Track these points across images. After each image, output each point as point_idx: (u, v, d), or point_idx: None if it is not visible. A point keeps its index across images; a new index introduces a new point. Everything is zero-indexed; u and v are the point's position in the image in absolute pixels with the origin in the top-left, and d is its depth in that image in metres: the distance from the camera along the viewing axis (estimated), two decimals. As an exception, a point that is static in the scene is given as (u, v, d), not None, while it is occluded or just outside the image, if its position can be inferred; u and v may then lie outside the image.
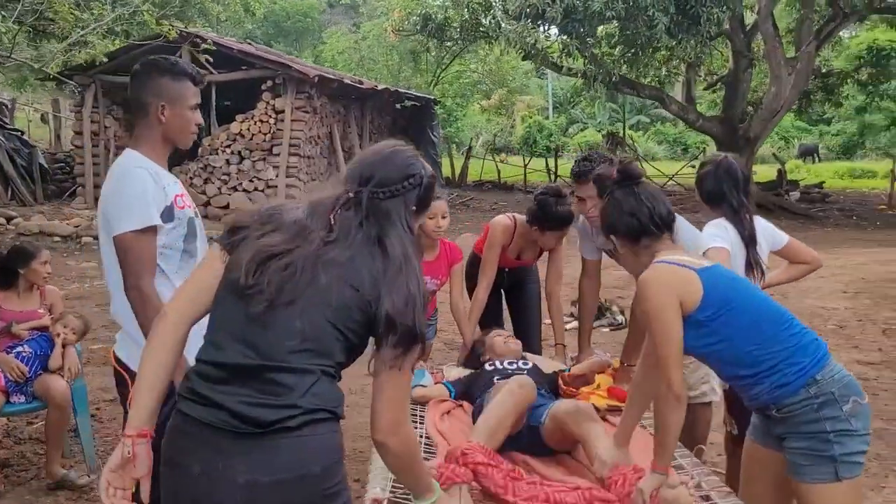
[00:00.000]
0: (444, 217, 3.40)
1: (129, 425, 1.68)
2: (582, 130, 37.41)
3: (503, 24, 14.04)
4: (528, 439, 2.60)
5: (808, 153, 30.74)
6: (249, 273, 1.59)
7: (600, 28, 15.11)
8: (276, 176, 12.81)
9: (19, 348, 3.67)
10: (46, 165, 15.09)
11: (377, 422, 1.62)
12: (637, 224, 2.15)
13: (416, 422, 2.79)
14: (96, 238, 11.10)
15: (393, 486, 2.16)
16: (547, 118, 38.94)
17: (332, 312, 1.59)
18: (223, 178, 13.07)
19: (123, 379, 2.32)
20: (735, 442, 2.82)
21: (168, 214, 2.27)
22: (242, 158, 13.04)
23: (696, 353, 2.06)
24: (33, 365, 3.64)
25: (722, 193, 2.78)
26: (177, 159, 14.25)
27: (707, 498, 2.21)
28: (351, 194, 1.67)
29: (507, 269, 3.85)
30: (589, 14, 12.62)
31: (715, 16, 13.14)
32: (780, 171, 19.95)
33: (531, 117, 37.09)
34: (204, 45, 11.87)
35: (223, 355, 1.60)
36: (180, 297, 1.75)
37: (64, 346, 3.69)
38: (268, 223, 1.66)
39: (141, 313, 2.18)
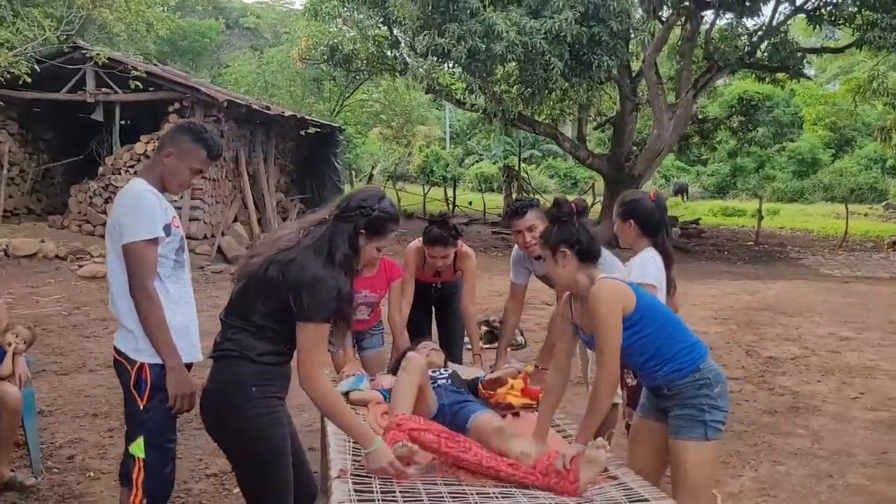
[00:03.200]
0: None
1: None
2: (477, 162, 38.61)
3: (409, 61, 14.66)
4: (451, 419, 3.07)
5: (680, 191, 32.98)
6: (238, 268, 2.54)
7: (500, 69, 15.96)
8: (181, 197, 12.81)
9: (-31, 357, 3.84)
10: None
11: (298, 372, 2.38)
12: (590, 247, 2.69)
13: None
14: (-9, 255, 10.84)
15: (353, 458, 2.61)
16: (444, 149, 39.97)
17: (257, 292, 2.37)
18: (125, 197, 12.95)
19: (124, 367, 2.82)
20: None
21: (167, 230, 2.80)
22: (146, 179, 12.96)
23: (624, 344, 2.64)
24: (-17, 373, 3.82)
25: (657, 225, 3.29)
26: (77, 178, 14.02)
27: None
28: (327, 216, 2.43)
29: (433, 286, 4.35)
30: (491, 56, 13.41)
31: (605, 63, 14.20)
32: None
33: (428, 146, 37.95)
34: (109, 64, 11.83)
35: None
36: None
37: (14, 354, 3.89)
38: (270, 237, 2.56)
39: (145, 309, 2.70)
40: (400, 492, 2.43)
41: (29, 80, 7.70)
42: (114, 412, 5.08)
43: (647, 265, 3.20)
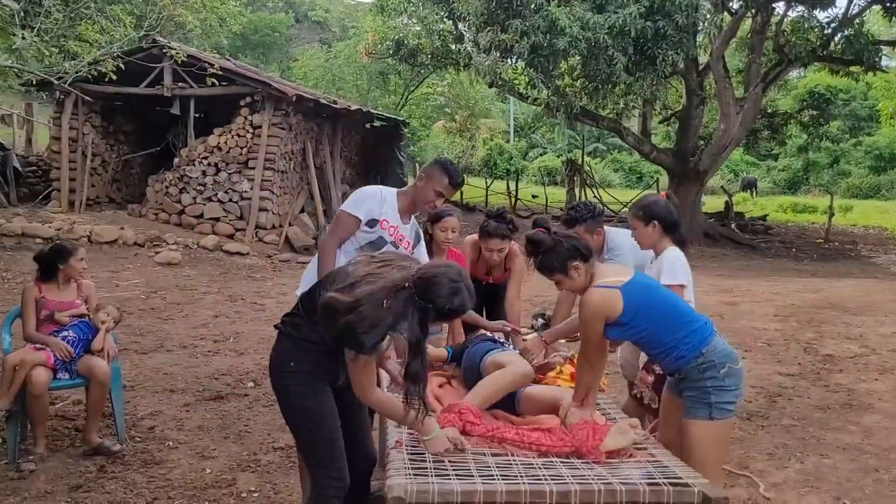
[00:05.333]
0: (453, 231, 4.19)
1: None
2: (541, 155, 38.43)
3: (473, 55, 14.85)
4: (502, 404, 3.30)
5: (749, 186, 32.23)
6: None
7: (563, 63, 16.00)
8: (251, 188, 13.31)
9: (64, 333, 4.24)
10: (20, 168, 15.35)
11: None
12: (587, 248, 2.97)
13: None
14: (77, 240, 11.52)
15: (408, 431, 2.85)
16: (507, 142, 39.96)
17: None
18: (199, 188, 13.49)
19: None
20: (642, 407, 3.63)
21: (372, 223, 3.50)
22: (218, 170, 13.48)
23: (627, 340, 2.92)
24: (76, 347, 4.21)
25: (677, 222, 3.50)
26: (154, 168, 14.71)
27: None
28: (406, 286, 2.53)
29: (483, 283, 4.54)
30: (554, 51, 13.49)
31: (670, 57, 14.11)
32: (727, 203, 21.12)
33: (492, 140, 38.05)
34: (185, 60, 12.35)
35: None
36: None
37: (105, 331, 4.27)
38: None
39: (320, 258, 3.52)
40: (450, 461, 2.65)
41: (115, 77, 8.17)
42: (189, 389, 5.47)
43: (677, 267, 3.38)
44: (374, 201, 3.52)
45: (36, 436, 4.12)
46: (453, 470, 2.57)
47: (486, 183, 23.95)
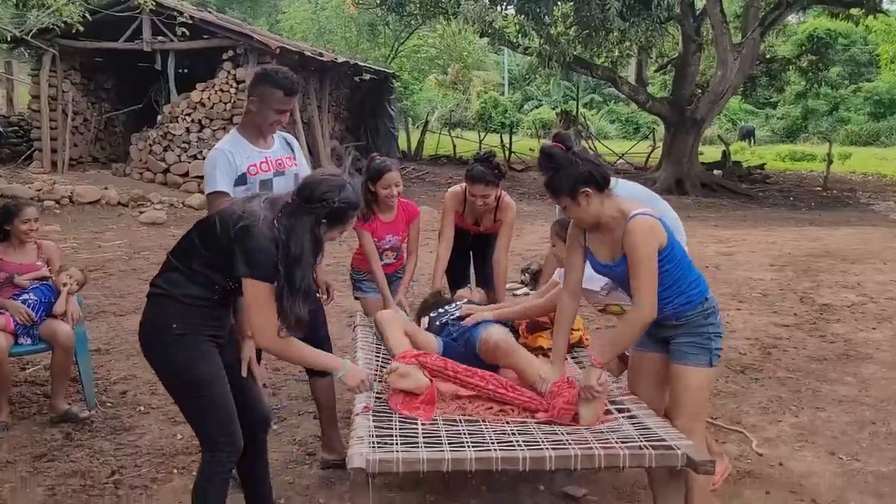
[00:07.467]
0: (396, 185, 3.93)
1: None
2: (537, 107, 37.96)
3: (462, 3, 14.41)
4: (464, 349, 3.17)
5: (747, 135, 31.86)
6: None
7: (556, 9, 15.56)
8: (238, 145, 13.00)
9: (25, 296, 4.04)
10: (1, 129, 15.02)
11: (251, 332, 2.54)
12: (603, 173, 2.65)
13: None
14: (57, 202, 11.28)
15: (376, 396, 2.68)
16: (502, 94, 39.40)
17: (203, 240, 2.48)
18: (183, 146, 13.19)
19: None
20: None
21: (241, 181, 3.17)
22: (203, 127, 13.17)
23: None
24: (38, 311, 4.02)
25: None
26: (137, 126, 14.39)
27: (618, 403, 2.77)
28: (289, 200, 2.44)
29: (472, 234, 4.33)
30: (545, -4, 13.10)
31: (665, 1, 13.70)
32: (724, 153, 20.82)
33: (486, 93, 37.49)
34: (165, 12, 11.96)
35: None
36: None
37: (67, 294, 4.07)
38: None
39: None
40: (422, 429, 2.48)
41: (81, 28, 7.80)
42: (166, 351, 5.28)
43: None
44: (223, 162, 3.16)
45: (-1, 403, 3.95)
46: (422, 438, 2.41)
47: (480, 137, 23.59)
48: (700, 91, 18.63)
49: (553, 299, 3.16)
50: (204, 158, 13.22)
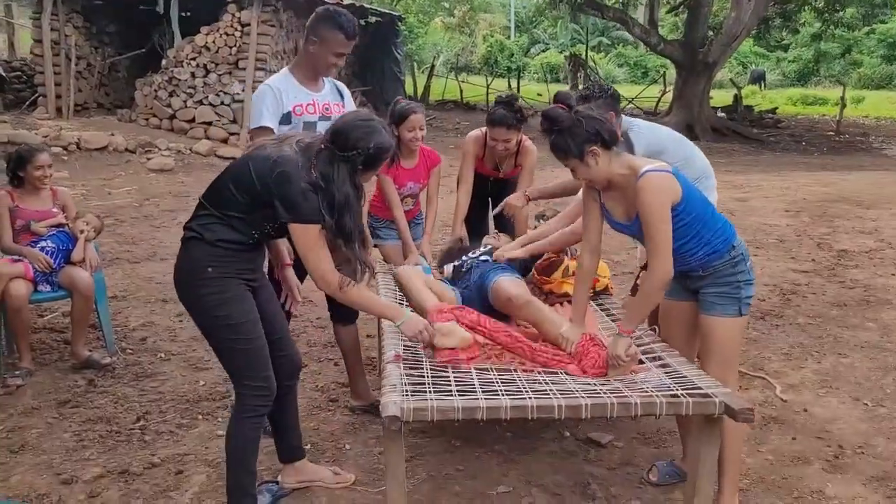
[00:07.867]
0: (420, 129, 3.85)
1: None
2: (544, 51, 37.33)
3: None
4: (479, 299, 3.14)
5: (758, 79, 31.33)
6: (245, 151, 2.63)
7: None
8: (243, 90, 12.80)
9: (42, 243, 4.01)
10: (4, 74, 14.80)
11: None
12: (610, 131, 2.56)
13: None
14: (65, 148, 11.17)
15: (404, 344, 2.65)
16: (508, 38, 38.69)
17: (237, 183, 2.43)
18: (188, 91, 12.98)
19: None
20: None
21: (286, 120, 3.15)
22: (208, 72, 12.94)
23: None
24: (56, 258, 3.99)
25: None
26: (141, 71, 14.15)
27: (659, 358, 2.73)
28: (322, 146, 2.41)
29: (491, 179, 4.26)
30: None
31: (680, -61, 13.31)
32: (736, 97, 20.50)
33: (492, 36, 36.79)
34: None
35: None
36: None
37: (85, 241, 4.03)
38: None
39: None
40: (454, 377, 2.46)
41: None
42: (182, 298, 5.27)
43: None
44: (270, 98, 3.14)
45: (21, 350, 3.95)
46: (455, 386, 2.38)
47: (487, 81, 23.25)
48: (713, 33, 18.25)
49: (579, 228, 3.07)
50: (211, 104, 13.19)
